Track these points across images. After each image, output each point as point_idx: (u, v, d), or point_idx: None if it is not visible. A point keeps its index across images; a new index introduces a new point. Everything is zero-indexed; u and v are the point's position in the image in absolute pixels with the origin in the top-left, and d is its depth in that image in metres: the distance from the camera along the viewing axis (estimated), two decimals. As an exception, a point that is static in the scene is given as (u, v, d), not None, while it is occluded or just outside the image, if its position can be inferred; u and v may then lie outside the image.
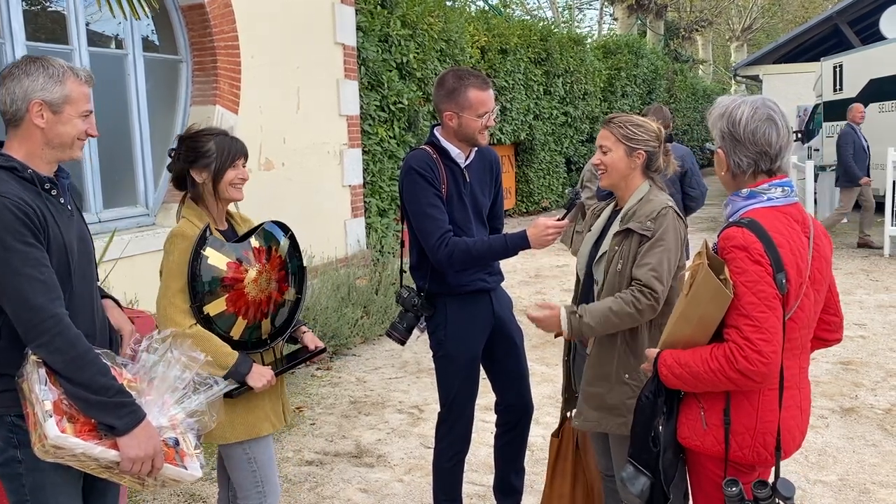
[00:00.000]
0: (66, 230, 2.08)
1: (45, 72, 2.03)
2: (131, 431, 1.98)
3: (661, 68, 19.92)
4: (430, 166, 2.91)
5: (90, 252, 2.23)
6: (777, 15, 30.82)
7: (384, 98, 9.31)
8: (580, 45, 15.66)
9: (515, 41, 13.14)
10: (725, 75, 33.86)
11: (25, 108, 2.01)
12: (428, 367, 5.90)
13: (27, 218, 1.93)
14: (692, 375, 2.02)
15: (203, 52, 5.70)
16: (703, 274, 1.96)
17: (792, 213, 2.06)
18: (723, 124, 2.05)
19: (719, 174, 2.13)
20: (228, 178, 2.62)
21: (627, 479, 2.23)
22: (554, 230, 2.80)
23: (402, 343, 3.10)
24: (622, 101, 17.48)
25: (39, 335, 1.92)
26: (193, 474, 2.14)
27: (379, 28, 9.18)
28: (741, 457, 2.05)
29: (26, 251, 1.92)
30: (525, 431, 3.30)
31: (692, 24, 24.66)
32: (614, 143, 2.64)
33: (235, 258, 2.54)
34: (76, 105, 2.06)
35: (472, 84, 2.87)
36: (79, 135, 2.09)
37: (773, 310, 1.91)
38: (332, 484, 3.97)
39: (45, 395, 1.92)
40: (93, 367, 1.96)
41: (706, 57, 29.88)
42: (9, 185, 1.96)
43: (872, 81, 12.71)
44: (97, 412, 1.97)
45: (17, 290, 1.90)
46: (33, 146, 2.05)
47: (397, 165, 9.71)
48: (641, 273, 2.49)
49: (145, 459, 2.00)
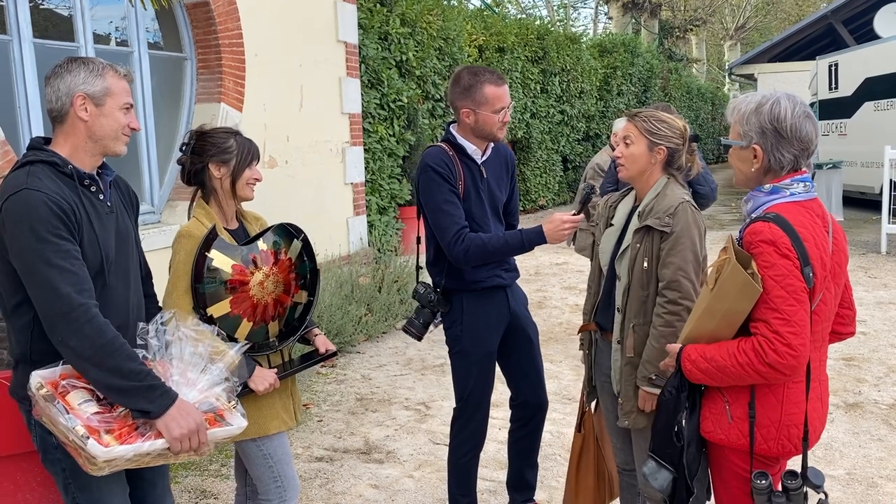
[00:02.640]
0: (101, 228, 2.12)
1: (86, 67, 2.11)
2: (167, 412, 2.00)
3: (657, 67, 19.97)
4: (447, 163, 2.92)
5: (130, 248, 2.25)
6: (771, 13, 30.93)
7: (384, 96, 9.32)
8: (576, 44, 15.69)
9: (512, 40, 13.17)
10: (719, 74, 33.97)
11: (69, 103, 2.08)
12: (432, 364, 5.91)
13: (62, 213, 1.98)
14: (718, 370, 2.03)
15: (208, 49, 5.69)
16: (730, 268, 1.97)
17: (813, 208, 2.09)
18: (762, 120, 2.04)
19: (745, 170, 2.13)
20: (245, 177, 2.62)
21: (649, 473, 2.24)
22: (570, 224, 2.82)
23: (419, 339, 3.12)
24: (618, 100, 17.52)
25: (69, 323, 1.94)
26: (240, 425, 2.17)
27: (378, 26, 9.18)
28: (766, 449, 2.07)
29: (59, 243, 1.96)
30: (539, 427, 3.32)
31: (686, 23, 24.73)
32: (637, 137, 2.65)
33: (241, 261, 2.54)
34: (117, 98, 2.13)
35: (487, 80, 2.89)
36: (122, 128, 2.15)
37: (802, 303, 1.93)
38: (343, 480, 3.98)
39: (71, 422, 1.93)
40: (121, 353, 1.99)
41: (700, 56, 29.97)
42: (48, 181, 2.01)
43: (868, 80, 12.79)
44: (130, 398, 1.98)
45: (48, 279, 1.94)
46: (78, 140, 2.11)
47: (397, 164, 9.71)
48: (668, 272, 2.52)
49: (190, 435, 2.02)
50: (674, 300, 2.52)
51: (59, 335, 1.96)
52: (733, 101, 2.16)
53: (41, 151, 2.09)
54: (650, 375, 2.56)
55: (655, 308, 2.56)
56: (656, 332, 2.55)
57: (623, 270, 2.65)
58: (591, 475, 3.05)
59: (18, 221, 1.95)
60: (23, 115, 4.65)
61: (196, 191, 2.66)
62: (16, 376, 2.14)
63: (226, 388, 2.22)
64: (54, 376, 2.03)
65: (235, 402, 2.24)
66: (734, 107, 2.15)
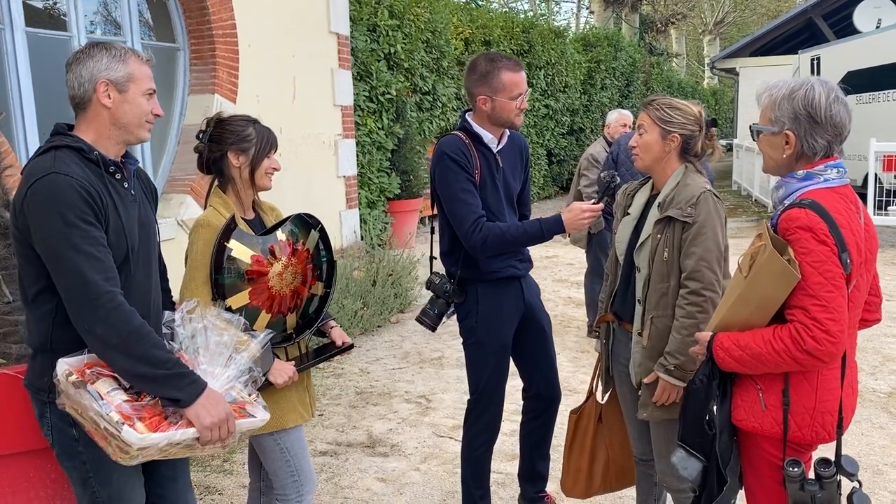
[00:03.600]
0: (126, 215, 2.08)
1: (108, 53, 2.06)
2: (197, 401, 1.96)
3: (639, 61, 20.05)
4: (463, 152, 2.89)
5: (151, 238, 2.21)
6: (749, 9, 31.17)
7: (373, 89, 9.26)
8: (561, 38, 15.71)
9: (498, 33, 13.15)
10: (698, 69, 34.18)
11: (92, 89, 2.03)
12: (430, 357, 5.88)
13: (90, 197, 1.94)
14: (753, 357, 2.02)
15: (201, 39, 5.60)
16: (767, 255, 1.96)
17: (846, 194, 2.08)
18: (795, 106, 2.03)
19: (775, 156, 2.12)
20: (264, 167, 2.58)
21: (679, 462, 2.23)
22: (590, 213, 2.81)
23: (433, 329, 3.09)
24: (602, 94, 17.56)
25: (96, 309, 1.90)
26: (264, 417, 2.15)
27: (367, 18, 9.12)
28: (800, 437, 2.06)
29: (87, 229, 1.92)
30: (552, 419, 3.30)
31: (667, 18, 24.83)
32: (650, 125, 2.63)
33: (260, 251, 2.49)
34: (140, 83, 2.08)
35: (504, 66, 2.85)
36: (145, 115, 2.10)
37: (839, 289, 1.92)
38: (349, 474, 3.94)
39: (105, 408, 1.89)
40: (149, 341, 1.95)
41: (679, 50, 30.12)
42: (75, 166, 1.97)
43: (850, 73, 12.90)
44: (159, 386, 1.95)
45: (76, 265, 1.89)
46: (101, 127, 2.06)
47: (385, 157, 9.66)
48: (691, 263, 2.50)
49: (220, 424, 1.98)
50: (696, 291, 2.50)
51: (85, 322, 1.92)
52: (763, 86, 2.14)
53: (66, 136, 2.04)
54: (668, 366, 2.54)
55: (678, 300, 2.54)
56: (678, 324, 2.53)
57: (643, 262, 2.63)
58: (584, 458, 3.04)
59: (45, 205, 1.90)
60: (15, 104, 4.55)
61: (212, 182, 2.61)
62: (33, 367, 2.08)
63: (248, 380, 2.18)
64: (80, 364, 1.99)
65: (256, 395, 2.20)
66: (765, 92, 2.13)
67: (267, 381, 2.48)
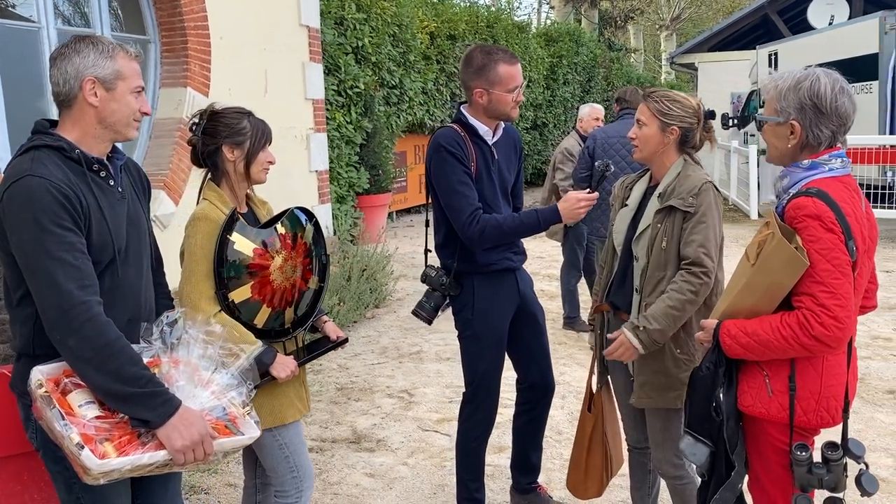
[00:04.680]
0: (112, 214, 1.99)
1: (95, 48, 1.96)
2: (168, 422, 1.87)
3: (600, 56, 20.21)
4: (460, 144, 2.88)
5: (142, 236, 2.14)
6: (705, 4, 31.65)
7: (341, 82, 9.19)
8: (524, 33, 15.76)
9: (463, 27, 13.14)
10: (655, 64, 34.62)
11: (78, 87, 1.94)
12: (408, 352, 5.87)
13: (67, 201, 1.85)
14: (761, 344, 2.05)
15: (172, 32, 5.49)
16: (775, 243, 1.99)
17: (849, 183, 2.12)
18: (801, 97, 2.06)
19: (780, 146, 2.15)
20: (260, 160, 2.54)
21: (687, 449, 2.26)
22: (586, 203, 2.83)
23: (429, 322, 3.08)
24: (564, 89, 17.66)
25: (69, 321, 1.82)
26: (252, 436, 2.06)
27: (335, 11, 9.04)
28: (805, 421, 2.10)
29: (62, 234, 1.83)
30: (546, 410, 3.31)
31: (626, 14, 25.08)
32: (649, 118, 2.66)
33: (262, 244, 2.46)
34: (128, 81, 2.00)
35: (501, 59, 2.85)
36: (133, 113, 2.02)
37: (846, 276, 1.96)
38: (337, 470, 3.91)
39: (67, 430, 1.79)
40: (123, 356, 1.87)
41: (637, 46, 30.46)
42: (53, 167, 1.87)
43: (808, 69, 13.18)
44: (129, 406, 1.86)
45: (49, 273, 1.81)
46: (87, 126, 1.97)
47: (354, 151, 9.60)
48: (691, 251, 2.53)
49: (194, 446, 1.89)
50: (695, 273, 2.52)
51: (57, 333, 1.84)
52: (769, 77, 2.18)
53: (46, 135, 1.95)
54: (637, 324, 2.55)
55: (675, 277, 2.56)
56: (667, 295, 2.53)
57: (641, 251, 2.66)
58: (599, 455, 3.06)
59: (20, 210, 1.82)
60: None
61: (205, 175, 2.56)
62: (17, 369, 2.01)
63: (241, 392, 2.11)
64: (58, 372, 1.90)
65: (250, 408, 2.13)
66: (770, 84, 2.16)
67: (269, 376, 2.45)
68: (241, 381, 2.11)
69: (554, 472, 3.83)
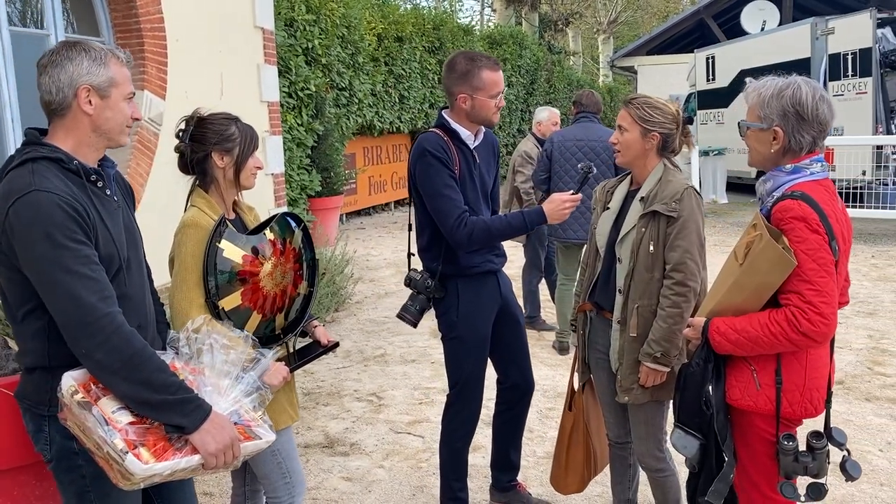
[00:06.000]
0: (113, 224, 1.98)
1: (88, 55, 1.92)
2: (201, 427, 1.89)
3: (542, 59, 20.49)
4: (444, 148, 2.92)
5: (137, 242, 2.12)
6: (641, 8, 32.35)
7: (292, 84, 9.13)
8: (469, 35, 15.88)
9: (410, 29, 13.17)
10: (593, 66, 35.22)
11: (73, 95, 1.90)
12: (372, 355, 5.87)
13: (77, 215, 1.83)
14: (750, 340, 2.15)
15: (128, 33, 5.37)
16: (763, 244, 2.09)
17: (829, 186, 2.24)
18: (784, 104, 2.17)
19: (763, 150, 2.26)
20: (249, 166, 2.53)
21: (677, 441, 2.35)
22: (570, 204, 2.90)
23: (415, 325, 3.11)
24: (508, 92, 17.83)
25: (94, 334, 1.80)
26: (269, 439, 2.09)
27: (285, 13, 8.97)
28: (791, 413, 2.22)
29: (77, 248, 1.81)
30: (525, 409, 3.38)
31: (565, 17, 25.48)
32: (630, 124, 2.74)
33: (251, 251, 2.46)
34: (121, 88, 1.97)
35: (484, 65, 2.90)
36: (126, 120, 2.00)
37: (831, 275, 2.08)
38: (314, 475, 3.90)
39: (111, 435, 1.80)
40: (151, 365, 1.86)
41: (576, 49, 30.96)
42: (55, 180, 1.84)
43: (743, 72, 13.64)
44: (163, 413, 1.86)
45: (69, 288, 1.78)
46: (81, 134, 1.94)
47: (305, 154, 9.53)
48: (676, 255, 2.63)
49: (225, 449, 1.92)
50: (681, 281, 2.63)
51: (82, 347, 1.81)
52: (751, 85, 2.28)
53: (42, 146, 1.90)
54: (655, 353, 2.66)
55: (662, 290, 2.67)
56: (664, 313, 2.65)
57: (625, 254, 2.74)
58: (580, 451, 3.14)
59: (31, 227, 1.78)
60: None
61: (194, 182, 2.54)
62: (29, 382, 1.96)
63: (257, 398, 2.13)
64: (85, 378, 1.89)
65: (263, 413, 2.15)
66: (753, 91, 2.26)
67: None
68: (254, 387, 2.12)
69: (529, 470, 3.90)
